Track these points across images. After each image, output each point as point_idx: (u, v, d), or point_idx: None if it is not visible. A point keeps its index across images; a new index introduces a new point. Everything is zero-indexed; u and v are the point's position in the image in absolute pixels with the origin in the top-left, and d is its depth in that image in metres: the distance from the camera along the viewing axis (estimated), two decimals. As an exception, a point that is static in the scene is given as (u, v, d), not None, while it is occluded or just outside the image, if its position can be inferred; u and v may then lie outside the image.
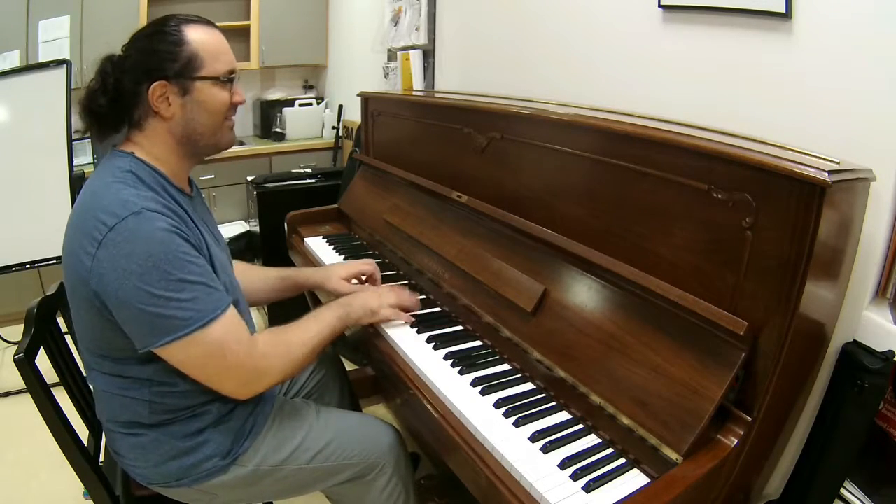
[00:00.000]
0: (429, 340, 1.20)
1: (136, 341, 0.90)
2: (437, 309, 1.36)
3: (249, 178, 2.82)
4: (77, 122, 1.05)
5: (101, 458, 1.19)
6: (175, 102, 0.97)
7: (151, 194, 0.92)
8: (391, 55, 2.58)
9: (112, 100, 0.97)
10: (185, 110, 0.98)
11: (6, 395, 2.27)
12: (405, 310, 1.26)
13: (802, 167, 0.77)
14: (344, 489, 1.16)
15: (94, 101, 0.97)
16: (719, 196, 0.88)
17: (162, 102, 0.96)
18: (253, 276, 1.36)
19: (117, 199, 0.88)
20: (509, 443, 0.90)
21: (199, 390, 0.98)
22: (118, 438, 1.02)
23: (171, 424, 1.00)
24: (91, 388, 1.08)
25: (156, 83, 0.95)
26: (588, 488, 0.82)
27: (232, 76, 1.02)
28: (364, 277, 1.41)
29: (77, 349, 1.05)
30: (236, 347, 0.93)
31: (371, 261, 1.45)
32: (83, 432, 1.06)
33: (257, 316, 2.85)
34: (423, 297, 1.41)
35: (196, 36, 0.98)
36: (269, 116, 3.63)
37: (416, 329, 1.25)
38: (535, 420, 0.97)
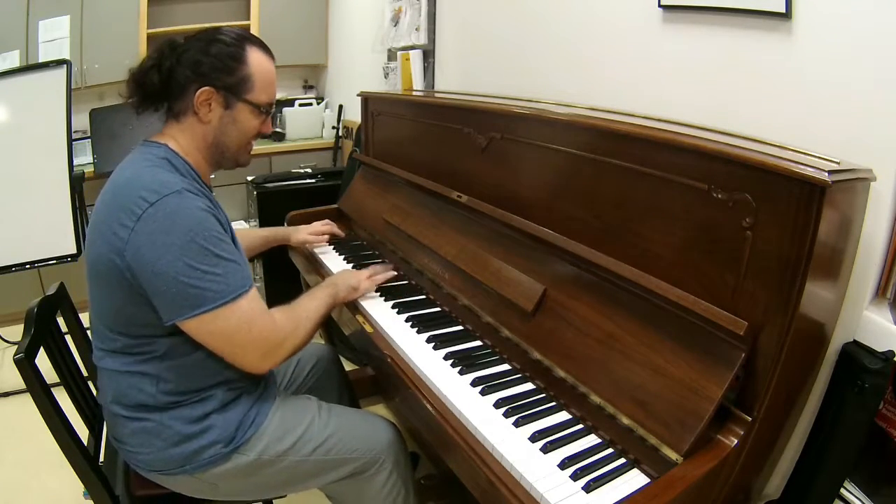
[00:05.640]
0: (429, 340, 1.20)
1: (164, 313, 0.94)
2: (437, 309, 1.36)
3: (249, 178, 2.82)
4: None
5: (102, 459, 1.19)
6: (216, 111, 1.04)
7: (187, 179, 0.99)
8: (391, 55, 2.58)
9: (163, 81, 1.02)
10: (221, 122, 1.05)
11: (6, 395, 2.27)
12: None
13: (802, 167, 0.77)
14: (343, 485, 1.17)
15: (147, 76, 1.02)
16: (719, 196, 0.88)
17: (204, 106, 1.02)
18: (242, 235, 1.41)
19: (157, 180, 0.94)
20: (509, 443, 0.91)
21: (207, 373, 1.02)
22: (121, 424, 1.03)
23: (176, 408, 1.01)
24: (96, 376, 1.08)
25: (205, 87, 1.00)
26: (588, 488, 0.82)
27: (271, 110, 1.09)
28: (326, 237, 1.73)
29: (91, 329, 1.07)
30: (260, 321, 0.99)
31: (327, 220, 1.79)
32: (83, 432, 1.06)
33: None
34: (423, 296, 1.41)
35: (256, 59, 1.05)
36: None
37: (416, 329, 1.25)
38: (535, 420, 0.97)
